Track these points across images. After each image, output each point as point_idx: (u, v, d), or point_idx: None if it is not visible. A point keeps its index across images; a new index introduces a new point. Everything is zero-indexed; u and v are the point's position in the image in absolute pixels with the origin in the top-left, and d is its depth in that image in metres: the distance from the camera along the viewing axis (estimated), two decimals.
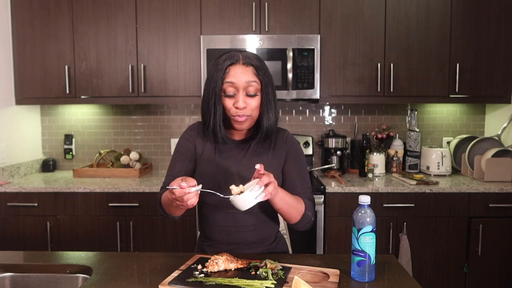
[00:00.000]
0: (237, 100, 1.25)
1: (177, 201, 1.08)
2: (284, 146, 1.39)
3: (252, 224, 1.35)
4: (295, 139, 1.45)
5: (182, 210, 1.27)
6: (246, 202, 1.08)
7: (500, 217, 2.39)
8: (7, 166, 2.63)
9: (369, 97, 2.67)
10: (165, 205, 1.29)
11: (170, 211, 1.29)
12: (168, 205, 1.25)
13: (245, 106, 1.25)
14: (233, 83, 1.24)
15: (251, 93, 1.26)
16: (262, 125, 1.30)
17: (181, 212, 1.29)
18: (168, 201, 1.20)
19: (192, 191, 1.04)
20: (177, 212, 1.29)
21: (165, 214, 1.33)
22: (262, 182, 1.09)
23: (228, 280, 1.06)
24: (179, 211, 1.28)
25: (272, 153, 1.37)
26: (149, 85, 2.66)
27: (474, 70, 2.64)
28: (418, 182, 2.47)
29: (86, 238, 2.44)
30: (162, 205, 1.31)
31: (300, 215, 1.30)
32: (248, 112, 1.26)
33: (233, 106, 1.26)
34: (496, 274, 2.42)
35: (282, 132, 1.43)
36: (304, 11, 2.61)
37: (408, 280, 1.12)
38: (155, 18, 2.63)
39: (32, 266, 1.26)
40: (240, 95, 1.25)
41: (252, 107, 1.26)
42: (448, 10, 2.61)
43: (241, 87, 1.25)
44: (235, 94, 1.26)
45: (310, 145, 2.92)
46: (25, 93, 2.69)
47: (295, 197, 1.29)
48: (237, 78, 1.24)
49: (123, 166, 2.81)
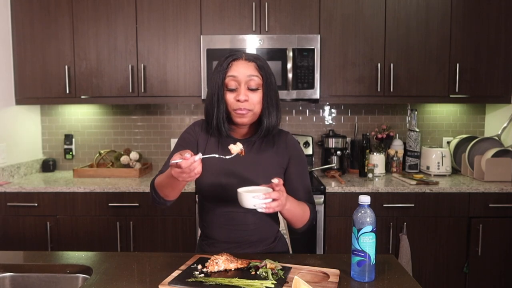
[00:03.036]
0: (239, 93, 1.27)
1: (184, 173, 1.05)
2: (286, 149, 1.41)
3: (252, 223, 1.36)
4: (297, 141, 1.46)
5: (178, 191, 1.23)
6: (244, 202, 1.11)
7: (500, 217, 2.39)
8: (7, 166, 2.63)
9: (369, 97, 2.67)
10: (161, 187, 1.24)
11: (165, 194, 1.24)
12: (165, 187, 1.21)
13: (246, 99, 1.27)
14: (235, 76, 1.28)
15: (253, 87, 1.28)
16: (263, 121, 1.31)
17: (177, 193, 1.25)
18: (166, 182, 1.19)
19: (196, 160, 1.04)
20: (173, 193, 1.24)
21: (158, 199, 1.27)
22: (269, 195, 1.11)
23: (228, 280, 1.06)
24: (175, 192, 1.23)
25: (274, 151, 1.39)
26: (149, 85, 2.66)
27: (474, 70, 2.64)
28: (418, 182, 2.47)
29: (86, 238, 2.44)
30: (157, 188, 1.26)
31: (303, 224, 1.34)
32: (250, 106, 1.28)
33: (235, 99, 1.28)
34: (496, 274, 2.42)
35: (284, 134, 1.44)
36: (304, 11, 2.61)
37: (408, 280, 1.12)
38: (155, 18, 2.63)
39: (32, 266, 1.26)
40: (242, 88, 1.28)
41: (253, 101, 1.28)
42: (448, 10, 2.61)
43: (243, 80, 1.27)
44: (237, 88, 1.28)
45: (310, 145, 2.92)
46: (25, 93, 2.69)
47: (302, 207, 1.31)
48: (238, 71, 1.28)
49: (123, 166, 2.81)
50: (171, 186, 1.19)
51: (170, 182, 1.17)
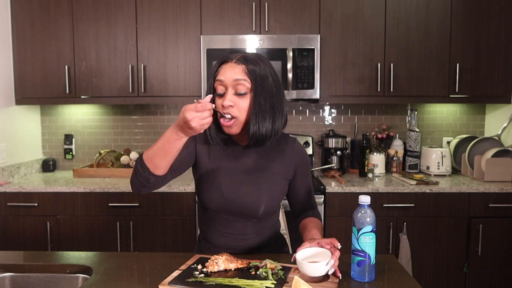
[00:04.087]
0: (224, 98, 1.19)
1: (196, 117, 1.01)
2: (292, 158, 1.35)
3: (252, 232, 1.33)
4: (304, 149, 1.41)
5: (169, 158, 1.13)
6: (317, 272, 1.08)
7: (500, 217, 2.39)
8: (7, 166, 2.63)
9: (369, 97, 2.67)
10: (152, 156, 1.13)
11: (154, 164, 1.13)
12: (157, 154, 1.12)
13: (231, 105, 1.17)
14: (222, 80, 1.19)
15: (241, 92, 1.18)
16: (249, 129, 1.19)
17: (168, 161, 1.14)
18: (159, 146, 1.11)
19: (209, 108, 1.04)
20: (163, 161, 1.13)
21: (142, 171, 1.15)
22: (335, 257, 1.08)
23: (228, 280, 1.06)
24: (166, 159, 1.13)
25: (279, 161, 1.33)
26: (149, 85, 2.66)
27: (474, 70, 2.64)
28: (418, 182, 2.47)
29: (86, 238, 2.44)
30: (144, 159, 1.15)
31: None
32: (235, 112, 1.18)
33: (221, 105, 1.19)
34: (496, 274, 2.42)
35: (292, 141, 1.37)
36: (304, 11, 2.61)
37: (408, 280, 1.12)
38: (155, 18, 2.63)
39: (32, 266, 1.26)
40: (228, 93, 1.19)
41: (240, 107, 1.18)
42: (448, 10, 2.61)
43: (230, 84, 1.18)
44: (224, 93, 1.20)
45: (310, 145, 2.92)
46: (25, 93, 2.69)
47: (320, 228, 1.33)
48: (225, 75, 1.19)
49: (123, 166, 2.81)
50: (163, 150, 1.11)
51: (163, 146, 1.10)
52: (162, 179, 1.20)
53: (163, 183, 1.23)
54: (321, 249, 1.13)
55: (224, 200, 1.28)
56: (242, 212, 1.29)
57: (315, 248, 1.14)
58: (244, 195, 1.28)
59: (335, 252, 1.09)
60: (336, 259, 1.08)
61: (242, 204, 1.28)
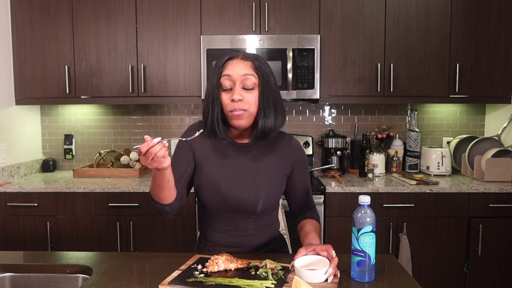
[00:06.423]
0: (233, 92, 1.23)
1: (148, 159, 1.04)
2: (290, 155, 1.36)
3: (253, 228, 1.34)
4: (301, 146, 1.42)
5: (165, 189, 1.19)
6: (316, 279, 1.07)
7: (500, 217, 2.39)
8: (7, 166, 2.63)
9: (369, 97, 2.67)
10: (153, 190, 1.22)
11: (158, 196, 1.21)
12: (154, 188, 1.20)
13: (240, 99, 1.21)
14: (230, 75, 1.23)
15: (248, 87, 1.23)
16: (258, 122, 1.25)
17: (166, 193, 1.20)
18: (153, 182, 1.18)
19: (155, 142, 1.03)
20: (162, 194, 1.20)
21: (155, 205, 1.25)
22: (334, 265, 1.09)
23: (228, 280, 1.06)
24: (164, 191, 1.19)
25: (277, 158, 1.34)
26: (149, 85, 2.66)
27: (474, 70, 2.64)
28: (418, 182, 2.47)
29: (86, 238, 2.44)
30: (151, 194, 1.24)
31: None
32: (245, 106, 1.23)
33: (230, 100, 1.23)
34: (496, 274, 2.42)
35: (288, 138, 1.39)
36: (304, 11, 2.61)
37: (408, 280, 1.12)
38: (155, 18, 2.63)
39: (32, 266, 1.26)
40: (237, 87, 1.22)
41: (248, 101, 1.23)
42: (448, 10, 2.61)
43: (238, 79, 1.22)
44: (232, 88, 1.24)
45: (310, 145, 2.92)
46: (25, 93, 2.69)
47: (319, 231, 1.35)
48: (233, 70, 1.23)
49: (123, 166, 2.81)
50: (157, 185, 1.18)
51: (155, 181, 1.17)
52: (177, 201, 1.28)
53: (182, 201, 1.32)
54: (319, 257, 1.14)
55: (223, 197, 1.29)
56: (241, 209, 1.30)
57: (313, 256, 1.15)
58: (242, 192, 1.28)
59: (333, 260, 1.10)
60: (334, 267, 1.09)
61: (241, 200, 1.28)
